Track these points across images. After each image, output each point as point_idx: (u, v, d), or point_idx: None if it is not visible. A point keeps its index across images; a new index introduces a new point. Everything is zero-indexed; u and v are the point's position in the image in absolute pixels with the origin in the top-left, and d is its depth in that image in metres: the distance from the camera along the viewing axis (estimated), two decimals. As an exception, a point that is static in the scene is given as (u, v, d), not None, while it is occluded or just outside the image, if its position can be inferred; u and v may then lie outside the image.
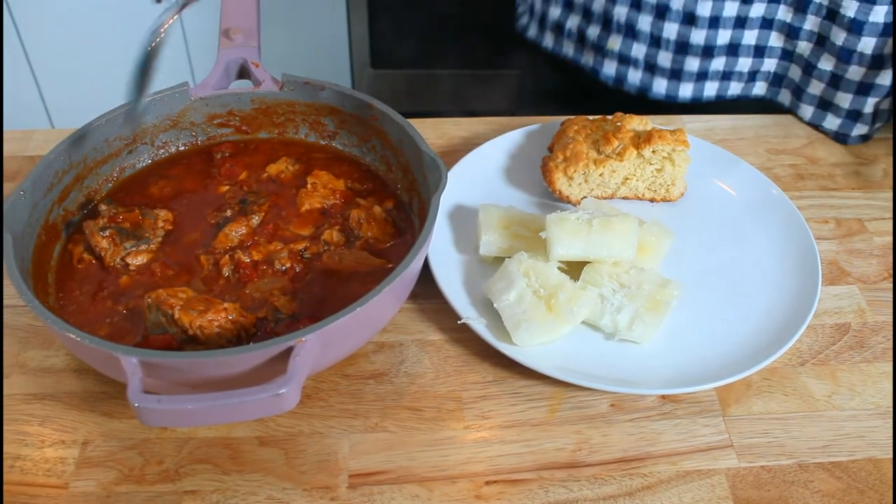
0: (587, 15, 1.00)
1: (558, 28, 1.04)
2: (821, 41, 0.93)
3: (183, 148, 0.82)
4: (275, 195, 0.78)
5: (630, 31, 0.97)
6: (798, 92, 0.98)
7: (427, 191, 0.70)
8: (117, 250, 0.71)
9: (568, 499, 0.61)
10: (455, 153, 0.90)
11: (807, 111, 0.98)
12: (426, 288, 0.73)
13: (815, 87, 0.96)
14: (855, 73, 0.92)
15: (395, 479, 0.62)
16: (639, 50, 0.98)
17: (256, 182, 0.79)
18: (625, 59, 1.00)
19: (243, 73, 0.81)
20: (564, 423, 0.66)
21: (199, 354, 0.55)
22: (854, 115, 0.95)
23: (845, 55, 0.91)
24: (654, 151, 0.81)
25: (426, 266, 0.74)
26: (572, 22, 1.02)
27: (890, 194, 0.90)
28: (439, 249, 0.77)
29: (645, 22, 0.95)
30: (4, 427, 0.65)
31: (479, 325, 0.70)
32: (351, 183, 0.79)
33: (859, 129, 0.97)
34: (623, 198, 0.85)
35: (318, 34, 1.96)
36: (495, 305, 0.70)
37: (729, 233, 0.82)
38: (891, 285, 0.79)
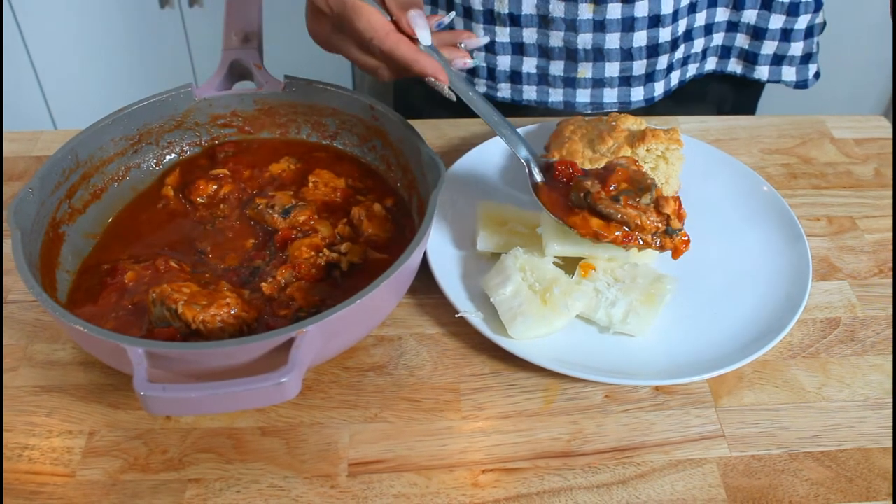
0: (545, 53, 0.97)
1: (515, 75, 1.00)
2: (766, 5, 0.97)
3: (187, 148, 0.84)
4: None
5: (599, 54, 0.96)
6: (751, 56, 1.02)
7: (426, 189, 0.71)
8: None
9: (562, 487, 0.62)
10: (453, 153, 0.92)
11: (763, 72, 1.03)
12: (425, 283, 0.75)
13: (769, 47, 1.00)
14: (803, 21, 0.98)
15: (394, 468, 0.63)
16: (612, 68, 0.97)
17: (259, 180, 0.81)
18: (599, 83, 0.99)
19: (246, 74, 0.82)
20: (560, 413, 0.68)
21: (203, 345, 0.57)
22: (806, 59, 1.02)
23: (793, 8, 0.97)
24: (648, 150, 0.82)
25: (425, 262, 0.75)
26: (529, 65, 0.99)
27: (881, 192, 0.91)
28: (438, 245, 0.78)
29: (613, 40, 0.94)
30: (13, 418, 0.66)
31: (476, 319, 0.71)
32: (352, 181, 0.81)
33: (812, 70, 1.03)
34: (618, 196, 0.87)
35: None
36: (492, 300, 0.72)
37: (722, 230, 0.84)
38: (881, 281, 0.80)
